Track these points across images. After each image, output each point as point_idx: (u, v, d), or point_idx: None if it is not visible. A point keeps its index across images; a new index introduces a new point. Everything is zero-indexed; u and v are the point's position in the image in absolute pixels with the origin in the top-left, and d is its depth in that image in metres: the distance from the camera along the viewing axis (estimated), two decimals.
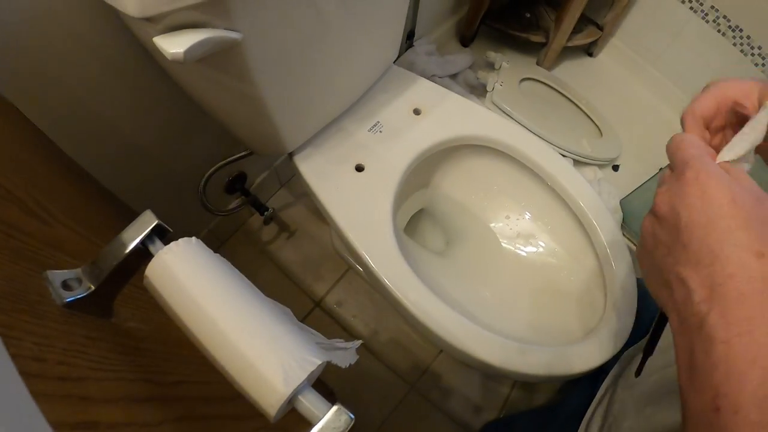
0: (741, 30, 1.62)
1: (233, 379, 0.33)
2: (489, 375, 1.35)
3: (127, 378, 0.35)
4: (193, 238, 0.37)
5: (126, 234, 0.36)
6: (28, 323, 0.28)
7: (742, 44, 1.64)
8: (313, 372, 0.33)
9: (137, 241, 0.36)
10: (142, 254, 0.36)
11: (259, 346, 0.33)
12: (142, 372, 0.38)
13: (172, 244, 0.36)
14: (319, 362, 0.33)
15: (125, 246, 0.36)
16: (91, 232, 0.47)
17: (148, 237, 0.36)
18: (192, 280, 0.35)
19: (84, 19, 0.63)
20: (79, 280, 0.35)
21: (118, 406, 0.32)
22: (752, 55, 1.62)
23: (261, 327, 0.34)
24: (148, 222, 0.36)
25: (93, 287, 0.35)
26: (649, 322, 0.67)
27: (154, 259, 0.35)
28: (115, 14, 0.53)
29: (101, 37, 0.66)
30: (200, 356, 0.35)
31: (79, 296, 0.34)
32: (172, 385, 0.42)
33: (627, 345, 0.78)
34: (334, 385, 1.18)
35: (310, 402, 0.32)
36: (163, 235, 0.37)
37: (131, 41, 0.66)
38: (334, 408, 0.31)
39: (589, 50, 2.01)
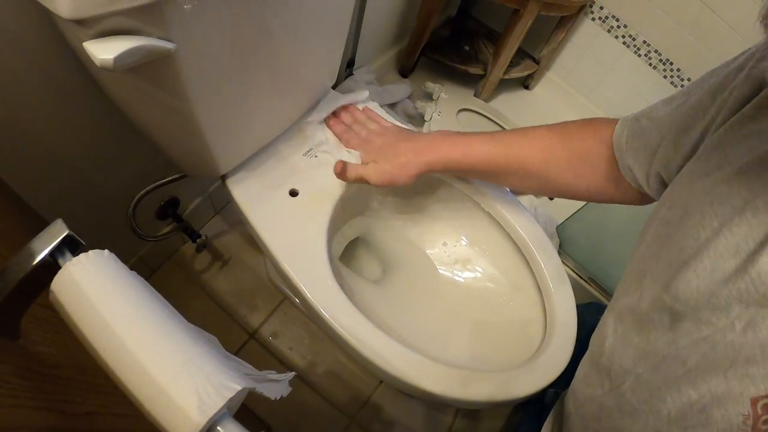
0: (671, 63, 1.71)
1: (143, 407, 0.29)
2: (431, 404, 1.33)
3: (28, 405, 0.31)
4: (105, 250, 0.34)
5: (33, 245, 0.33)
6: None
7: (672, 77, 1.72)
8: (233, 399, 0.29)
9: (45, 252, 0.32)
10: (52, 268, 0.33)
11: (171, 370, 0.30)
12: (48, 400, 0.34)
13: (81, 255, 0.32)
14: (239, 388, 0.30)
15: (32, 258, 0.32)
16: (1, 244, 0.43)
17: (58, 249, 0.33)
18: (100, 295, 0.31)
19: (11, 18, 0.58)
20: None
21: None
22: (682, 86, 1.69)
23: (175, 349, 0.31)
24: (58, 232, 0.33)
25: None
26: (586, 348, 0.67)
27: (60, 271, 0.32)
28: (47, 17, 0.50)
29: (31, 39, 0.62)
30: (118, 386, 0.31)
31: None
32: (82, 416, 0.39)
33: (566, 370, 0.78)
34: (272, 420, 1.14)
35: None
36: (75, 248, 0.34)
37: (64, 48, 0.61)
38: None
39: (525, 83, 2.08)
